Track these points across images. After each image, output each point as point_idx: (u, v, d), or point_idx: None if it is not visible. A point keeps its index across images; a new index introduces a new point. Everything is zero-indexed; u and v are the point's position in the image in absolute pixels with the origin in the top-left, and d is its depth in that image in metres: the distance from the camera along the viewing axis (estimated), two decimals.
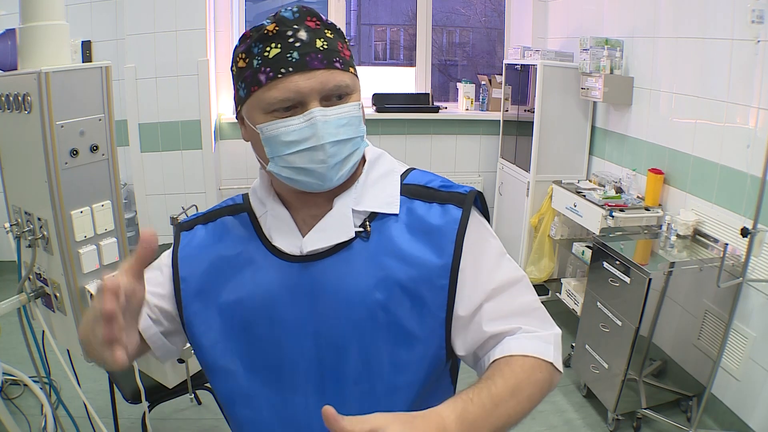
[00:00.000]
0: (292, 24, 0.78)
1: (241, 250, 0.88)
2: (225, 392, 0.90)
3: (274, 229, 0.87)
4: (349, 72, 0.82)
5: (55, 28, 1.52)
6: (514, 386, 0.75)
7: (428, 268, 0.82)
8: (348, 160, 0.82)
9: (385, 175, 0.89)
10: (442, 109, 4.23)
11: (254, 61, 0.79)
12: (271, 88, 0.77)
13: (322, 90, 0.78)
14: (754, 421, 2.33)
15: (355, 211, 0.85)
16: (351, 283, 0.82)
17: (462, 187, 0.88)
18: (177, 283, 0.90)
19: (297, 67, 0.77)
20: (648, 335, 2.61)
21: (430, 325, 0.83)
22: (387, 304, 0.81)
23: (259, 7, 4.29)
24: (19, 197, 1.63)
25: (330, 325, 0.83)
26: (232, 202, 0.95)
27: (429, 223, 0.84)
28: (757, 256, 2.22)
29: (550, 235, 3.43)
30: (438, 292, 0.82)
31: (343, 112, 0.80)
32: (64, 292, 1.59)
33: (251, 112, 0.82)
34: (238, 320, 0.86)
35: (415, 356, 0.83)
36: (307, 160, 0.79)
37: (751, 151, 2.26)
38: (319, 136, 0.77)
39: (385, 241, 0.83)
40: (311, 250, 0.83)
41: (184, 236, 0.94)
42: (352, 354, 0.82)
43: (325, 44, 0.79)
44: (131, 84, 3.60)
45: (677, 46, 2.74)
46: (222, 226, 0.92)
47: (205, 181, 3.84)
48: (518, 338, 0.82)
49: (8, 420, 1.97)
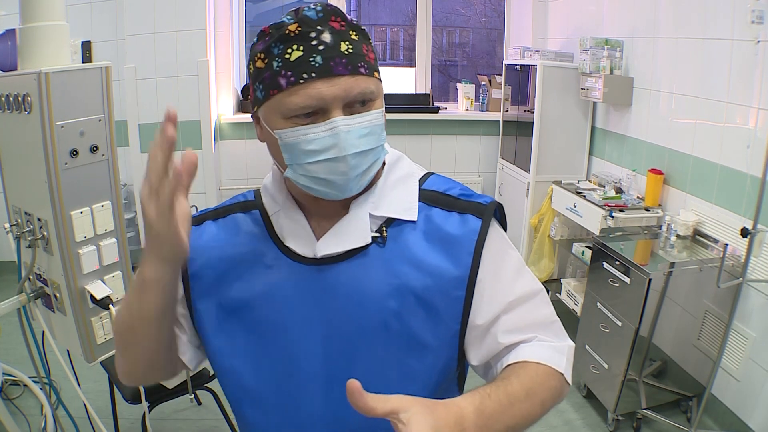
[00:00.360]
0: (316, 24, 0.74)
1: (252, 248, 0.86)
2: (232, 391, 0.89)
3: (287, 229, 0.85)
4: (374, 77, 0.79)
5: (55, 29, 1.52)
6: (529, 389, 0.75)
7: (445, 278, 0.81)
8: (369, 171, 0.80)
9: (404, 179, 0.87)
10: (442, 109, 4.23)
11: (274, 62, 0.75)
12: (292, 94, 0.74)
13: (346, 97, 0.75)
14: (754, 422, 2.33)
15: (372, 216, 0.83)
16: (365, 290, 0.80)
17: (482, 196, 0.86)
18: (186, 280, 0.88)
19: (320, 72, 0.73)
20: (648, 335, 2.61)
21: (443, 336, 0.82)
22: (400, 313, 0.80)
23: (259, 8, 4.29)
24: (19, 197, 1.63)
25: (341, 330, 0.81)
26: (243, 199, 0.93)
27: (447, 233, 0.82)
28: (757, 257, 2.22)
29: (550, 235, 3.43)
30: (453, 303, 0.81)
31: (366, 121, 0.77)
32: (64, 293, 1.59)
33: (269, 115, 0.78)
34: (248, 320, 0.84)
35: (426, 366, 0.82)
36: (327, 170, 0.76)
37: (751, 152, 2.26)
38: (340, 147, 0.74)
39: (401, 248, 0.82)
40: (326, 254, 0.81)
41: (193, 231, 0.89)
42: (361, 360, 0.81)
43: (349, 48, 0.75)
44: (131, 84, 3.60)
45: (677, 47, 2.74)
46: (233, 222, 0.90)
47: (205, 181, 3.84)
48: (533, 345, 0.82)
49: (8, 420, 1.97)
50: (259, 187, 0.94)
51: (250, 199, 0.92)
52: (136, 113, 3.66)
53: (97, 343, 1.64)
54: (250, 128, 4.00)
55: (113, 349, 1.62)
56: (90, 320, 1.62)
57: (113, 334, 0.86)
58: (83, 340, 1.62)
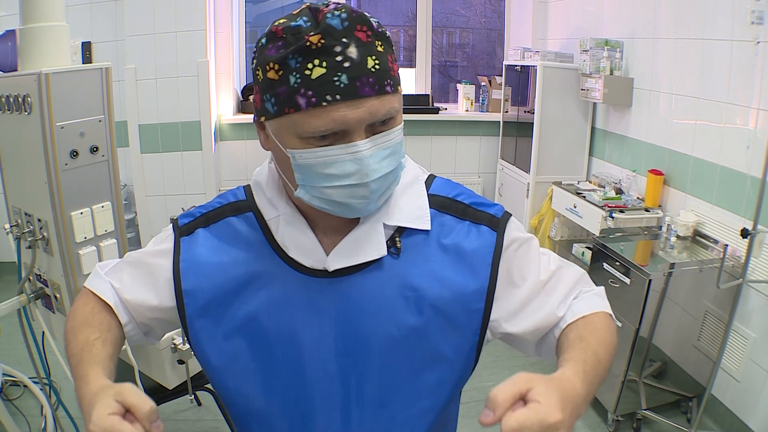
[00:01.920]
0: (341, 36, 0.66)
1: (251, 258, 0.80)
2: (239, 413, 0.84)
3: (291, 239, 0.79)
4: (397, 92, 0.72)
5: (55, 30, 1.52)
6: (603, 340, 0.78)
7: (463, 290, 0.79)
8: (387, 192, 0.75)
9: (411, 184, 0.83)
10: (442, 110, 4.23)
11: (291, 77, 0.66)
12: (312, 117, 0.67)
13: (370, 120, 0.69)
14: (754, 422, 2.33)
15: (385, 226, 0.79)
16: (381, 304, 0.77)
17: (492, 205, 0.84)
18: (180, 297, 0.81)
19: (345, 94, 0.66)
20: (648, 336, 2.60)
21: (462, 349, 0.80)
22: (419, 326, 0.77)
23: (259, 8, 4.29)
24: (19, 198, 1.63)
25: (357, 346, 0.77)
26: (234, 198, 0.85)
27: (463, 245, 0.80)
28: (757, 257, 2.22)
29: (550, 236, 3.42)
30: (473, 315, 0.79)
31: (389, 141, 0.71)
32: (64, 293, 1.59)
33: (281, 132, 0.71)
34: (254, 338, 0.79)
35: (442, 379, 0.80)
36: (346, 195, 0.71)
37: (751, 152, 2.26)
38: (363, 173, 0.69)
39: (417, 259, 0.79)
40: (338, 267, 0.77)
41: (184, 242, 0.84)
42: (377, 377, 0.78)
43: (376, 64, 0.68)
44: (131, 85, 3.60)
45: (677, 47, 2.74)
46: (226, 228, 0.83)
47: (204, 182, 3.84)
48: (582, 300, 0.85)
49: (8, 421, 1.97)
50: (248, 184, 0.87)
51: (241, 199, 0.85)
52: (136, 114, 3.66)
53: None
54: (250, 129, 4.00)
55: None
56: None
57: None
58: None
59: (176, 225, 0.86)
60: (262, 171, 0.85)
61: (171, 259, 0.84)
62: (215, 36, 3.84)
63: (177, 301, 0.82)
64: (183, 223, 0.86)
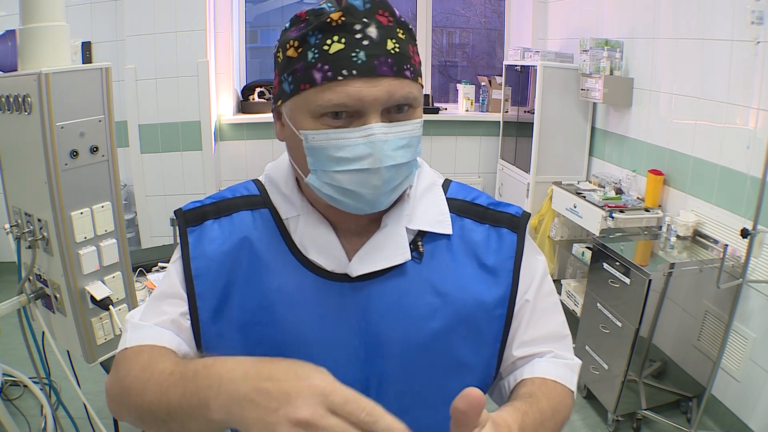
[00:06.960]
0: (362, 16, 0.66)
1: (268, 259, 0.76)
2: None
3: (311, 241, 0.76)
4: (418, 82, 0.72)
5: (55, 29, 1.52)
6: (554, 408, 0.74)
7: (486, 296, 0.77)
8: (400, 186, 0.73)
9: (429, 188, 0.82)
10: (442, 110, 4.23)
11: (309, 53, 0.66)
12: (326, 90, 0.66)
13: (387, 102, 0.67)
14: (754, 422, 2.33)
15: (407, 230, 0.77)
16: (405, 310, 0.75)
17: (510, 206, 0.83)
18: (193, 299, 0.76)
19: (362, 70, 0.65)
20: (648, 336, 2.61)
21: (484, 356, 0.79)
22: (443, 333, 0.75)
23: (259, 8, 4.28)
24: (19, 198, 1.63)
25: (378, 353, 0.75)
26: (246, 192, 0.81)
27: (485, 250, 0.79)
28: (757, 257, 2.22)
29: (550, 236, 3.43)
30: (495, 321, 0.78)
31: (406, 131, 0.69)
32: (64, 293, 1.58)
33: (296, 112, 0.70)
34: (270, 344, 0.74)
35: (464, 387, 0.79)
36: (357, 182, 0.68)
37: (751, 152, 2.26)
38: (376, 157, 0.67)
39: (439, 264, 0.77)
40: (361, 273, 0.74)
41: (191, 232, 0.78)
42: (401, 385, 0.76)
43: (396, 47, 0.68)
44: (131, 85, 3.61)
45: (677, 47, 2.74)
46: (240, 224, 0.78)
47: (204, 182, 3.84)
48: (549, 362, 0.80)
49: (8, 421, 1.97)
50: (259, 178, 0.84)
51: (255, 194, 0.81)
52: (136, 114, 3.66)
53: (97, 344, 1.64)
54: (250, 129, 4.01)
55: (113, 349, 1.62)
56: (90, 321, 1.62)
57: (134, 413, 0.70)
58: (83, 340, 1.62)
59: (179, 214, 0.81)
60: (278, 166, 0.82)
61: (179, 255, 0.79)
62: (215, 36, 3.84)
63: (189, 302, 0.77)
64: (188, 208, 0.80)
